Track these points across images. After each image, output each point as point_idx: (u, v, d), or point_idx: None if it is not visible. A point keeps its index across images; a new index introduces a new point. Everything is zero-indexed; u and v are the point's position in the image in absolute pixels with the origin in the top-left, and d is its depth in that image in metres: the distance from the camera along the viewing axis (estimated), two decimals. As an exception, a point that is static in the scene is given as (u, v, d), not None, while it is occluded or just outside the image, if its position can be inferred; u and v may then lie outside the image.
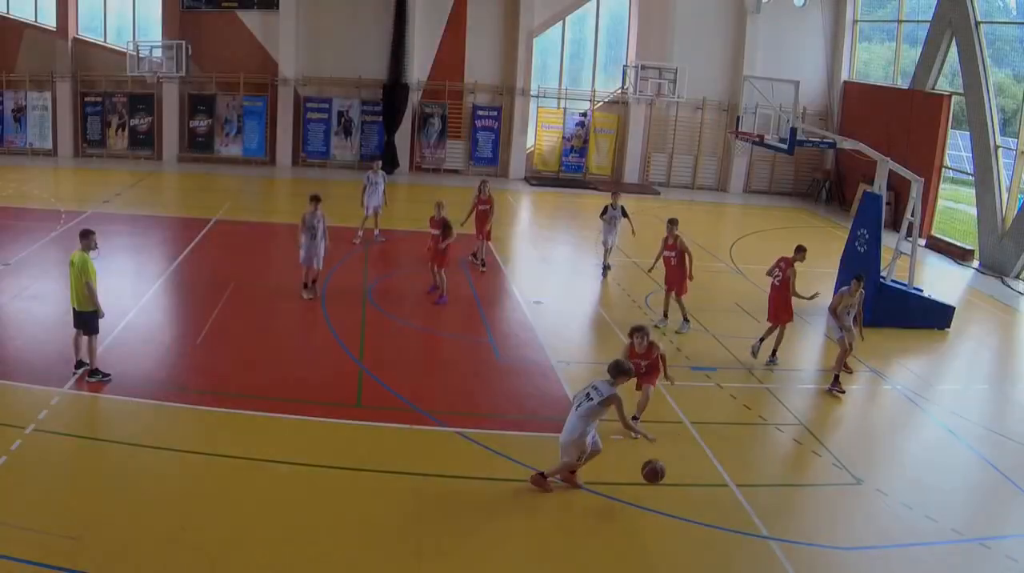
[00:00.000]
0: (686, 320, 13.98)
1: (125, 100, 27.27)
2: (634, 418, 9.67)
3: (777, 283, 12.74)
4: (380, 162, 19.80)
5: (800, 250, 12.79)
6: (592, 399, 8.34)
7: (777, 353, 12.81)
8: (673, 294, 13.91)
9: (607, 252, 17.01)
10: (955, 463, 10.17)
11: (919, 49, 24.09)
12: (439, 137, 28.23)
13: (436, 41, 27.84)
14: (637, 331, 9.72)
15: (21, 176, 23.58)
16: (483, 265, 16.85)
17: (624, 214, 16.71)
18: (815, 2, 27.63)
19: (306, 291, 14.20)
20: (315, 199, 14.21)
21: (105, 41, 27.62)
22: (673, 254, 13.71)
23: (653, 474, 8.47)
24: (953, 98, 22.77)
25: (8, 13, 27.18)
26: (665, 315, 14.15)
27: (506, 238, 20.19)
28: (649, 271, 14.68)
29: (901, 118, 23.98)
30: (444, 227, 14.19)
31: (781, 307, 12.76)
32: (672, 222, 14.04)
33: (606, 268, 17.04)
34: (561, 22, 28.41)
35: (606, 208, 16.82)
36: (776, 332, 12.82)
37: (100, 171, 25.55)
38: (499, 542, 7.82)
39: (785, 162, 27.85)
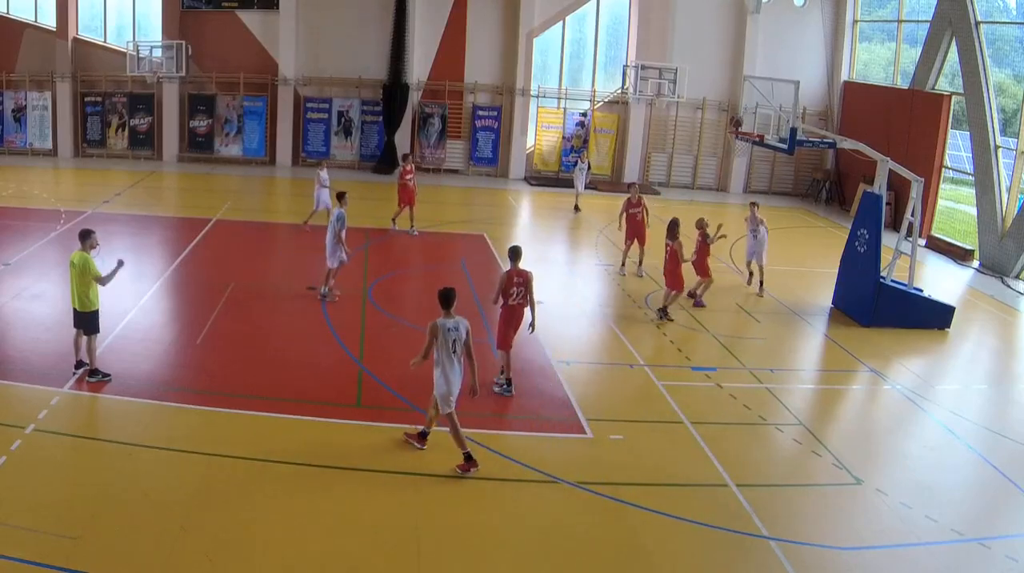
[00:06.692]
0: (639, 263, 16.99)
1: (125, 100, 27.28)
2: None
3: None
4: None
5: None
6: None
7: None
8: (635, 243, 16.93)
9: (577, 195, 23.45)
10: (955, 463, 10.17)
11: (919, 49, 24.08)
12: (439, 137, 28.22)
13: (436, 41, 27.84)
14: None
15: (21, 176, 23.58)
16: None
17: (589, 167, 23.85)
18: (815, 2, 27.62)
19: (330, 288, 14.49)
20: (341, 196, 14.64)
21: (105, 41, 27.63)
22: (638, 211, 16.85)
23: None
24: (953, 98, 22.76)
25: (8, 13, 27.19)
26: (623, 265, 17.15)
27: (506, 238, 20.18)
28: (619, 228, 17.43)
29: (901, 118, 23.96)
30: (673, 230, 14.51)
31: None
32: (632, 185, 17.97)
33: (576, 207, 23.48)
34: (561, 22, 28.39)
35: (576, 162, 23.77)
36: None
37: (100, 171, 25.54)
38: (499, 542, 7.82)
39: (785, 162, 27.86)
